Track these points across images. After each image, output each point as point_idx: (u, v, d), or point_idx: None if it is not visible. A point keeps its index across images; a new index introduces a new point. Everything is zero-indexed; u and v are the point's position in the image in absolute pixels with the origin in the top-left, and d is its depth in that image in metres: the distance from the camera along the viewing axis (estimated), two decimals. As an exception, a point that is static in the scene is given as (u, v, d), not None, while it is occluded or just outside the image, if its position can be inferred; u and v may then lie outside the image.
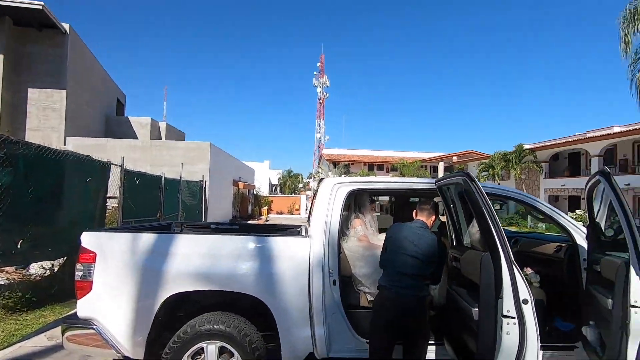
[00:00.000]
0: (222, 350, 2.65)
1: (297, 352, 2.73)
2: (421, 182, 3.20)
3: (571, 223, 3.00)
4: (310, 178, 51.56)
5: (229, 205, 19.19)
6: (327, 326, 2.71)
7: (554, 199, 22.32)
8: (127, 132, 18.60)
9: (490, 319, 1.89)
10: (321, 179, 3.34)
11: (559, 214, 3.04)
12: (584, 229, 2.91)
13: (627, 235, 2.05)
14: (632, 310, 1.99)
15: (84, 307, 2.66)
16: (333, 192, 2.94)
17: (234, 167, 20.31)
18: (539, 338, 1.82)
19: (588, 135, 21.34)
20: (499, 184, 23.22)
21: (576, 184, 19.43)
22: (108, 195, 6.51)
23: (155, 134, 19.97)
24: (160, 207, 8.93)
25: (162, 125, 21.00)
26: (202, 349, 2.62)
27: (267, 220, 22.14)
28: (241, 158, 24.38)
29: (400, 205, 3.95)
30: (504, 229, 3.98)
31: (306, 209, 28.89)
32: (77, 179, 5.50)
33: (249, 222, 20.24)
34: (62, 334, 2.71)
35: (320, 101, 64.35)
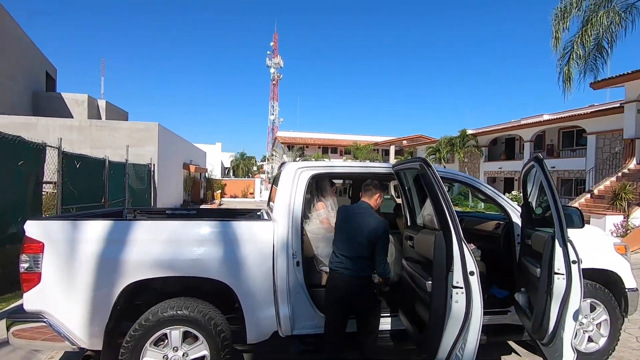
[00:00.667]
0: (186, 335, 2.66)
1: (262, 332, 2.82)
2: (379, 167, 3.37)
3: (508, 203, 3.36)
4: (265, 161, 50.85)
5: (179, 189, 18.42)
6: (291, 305, 2.82)
7: (491, 181, 24.32)
8: (60, 111, 16.84)
9: (442, 290, 2.11)
10: (282, 164, 3.37)
11: (498, 195, 3.38)
12: (519, 208, 3.29)
13: (553, 213, 2.37)
14: (556, 277, 2.34)
15: (31, 300, 2.50)
16: (296, 176, 3.00)
17: (185, 150, 19.41)
18: (482, 305, 2.07)
19: (522, 122, 23.35)
20: (444, 167, 24.75)
21: (511, 167, 21.33)
22: (44, 180, 5.96)
23: (94, 113, 18.35)
24: (105, 192, 8.36)
25: (102, 104, 19.31)
26: (166, 334, 2.61)
27: (220, 205, 21.64)
28: (192, 140, 23.34)
29: (358, 188, 4.12)
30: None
31: (260, 193, 28.61)
32: (5, 162, 4.96)
33: (202, 206, 19.65)
34: (7, 329, 2.53)
35: (274, 82, 62.93)
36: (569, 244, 2.29)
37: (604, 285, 3.37)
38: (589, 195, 13.10)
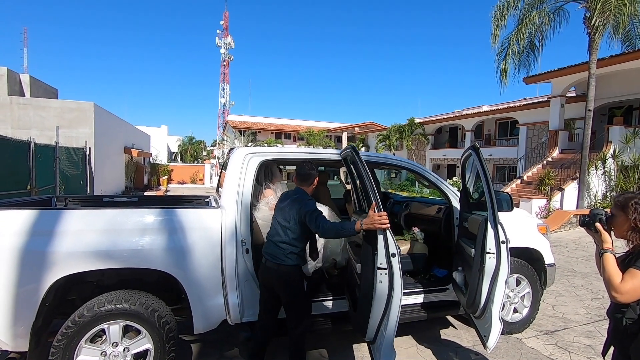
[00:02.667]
0: (127, 329, 2.52)
1: (209, 321, 2.76)
2: (328, 153, 3.40)
3: (448, 188, 3.58)
4: (215, 146, 48.96)
5: (120, 175, 17.15)
6: (240, 293, 2.78)
7: (436, 167, 25.78)
8: (-28, 85, 14.66)
9: (369, 272, 2.20)
10: (231, 149, 3.26)
11: (440, 181, 3.59)
12: (458, 193, 3.52)
13: (487, 198, 2.57)
14: (487, 256, 2.55)
15: (-62, 301, 2.19)
16: (245, 162, 2.92)
17: (126, 133, 18.02)
18: (402, 283, 2.18)
19: (465, 112, 24.88)
20: (394, 154, 25.72)
21: (454, 154, 22.74)
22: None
23: (16, 89, 16.21)
24: (32, 178, 7.52)
25: (25, 78, 17.08)
26: (104, 330, 2.45)
27: (167, 191, 20.56)
28: (135, 123, 21.70)
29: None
30: (397, 194, 4.45)
31: (211, 179, 27.61)
32: None
33: (147, 193, 18.53)
34: None
35: (225, 63, 60.23)
36: (499, 226, 2.51)
37: (527, 261, 3.76)
38: (519, 181, 14.42)
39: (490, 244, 2.54)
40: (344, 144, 35.11)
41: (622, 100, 14.33)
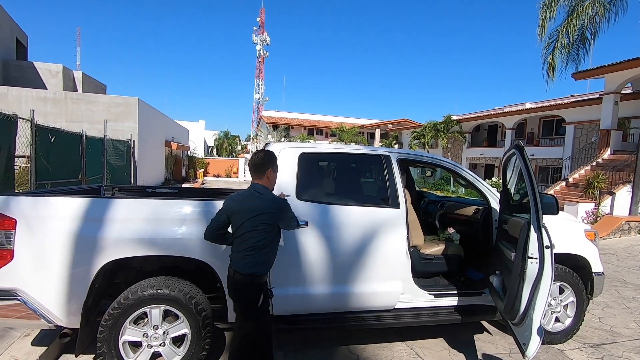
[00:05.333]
0: (167, 314, 2.66)
1: (243, 311, 2.84)
2: (364, 150, 3.38)
3: (487, 189, 3.44)
4: (249, 140, 50.10)
5: (160, 167, 18.01)
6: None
7: (473, 167, 24.83)
8: (33, 81, 15.96)
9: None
10: (267, 144, 3.33)
11: (478, 181, 3.45)
12: (498, 194, 3.37)
13: (530, 200, 2.44)
14: (529, 260, 2.43)
15: (4, 278, 2.42)
16: (280, 157, 2.97)
17: (166, 127, 18.88)
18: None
19: (505, 110, 23.73)
20: (428, 151, 25.06)
21: (492, 153, 21.79)
22: (16, 153, 5.69)
23: (69, 85, 17.49)
24: (82, 168, 8.09)
25: (78, 75, 18.38)
26: (145, 313, 2.60)
27: (203, 184, 21.35)
28: (174, 117, 22.68)
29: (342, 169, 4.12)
30: (431, 193, 4.31)
31: (244, 172, 28.31)
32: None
33: (184, 185, 19.34)
34: (-21, 307, 2.46)
35: (260, 60, 61.38)
36: (543, 230, 2.37)
37: (573, 269, 3.54)
38: (564, 183, 13.57)
39: (533, 248, 2.41)
40: (377, 141, 34.66)
41: (687, 97, 13.03)
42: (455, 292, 3.32)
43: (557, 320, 3.54)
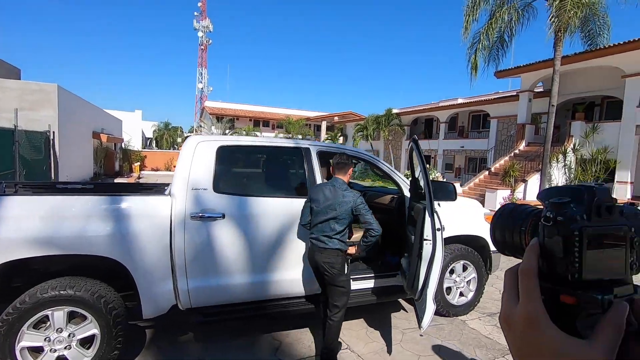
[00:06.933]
0: (73, 315, 2.54)
1: (159, 307, 2.81)
2: (285, 142, 3.46)
3: (401, 179, 3.73)
4: (192, 132, 47.89)
5: (88, 160, 16.58)
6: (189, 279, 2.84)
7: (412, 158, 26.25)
8: None
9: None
10: (186, 137, 3.27)
11: (393, 171, 3.73)
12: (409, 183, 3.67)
13: (424, 187, 2.71)
14: (425, 242, 2.71)
15: None
16: (195, 150, 2.95)
17: (94, 117, 17.36)
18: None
19: (440, 104, 25.34)
20: (371, 144, 26.00)
21: (429, 145, 23.22)
22: None
23: (-28, 68, 15.27)
24: (-13, 163, 7.21)
25: (-17, 57, 16.10)
26: (47, 316, 2.46)
27: (139, 178, 20.06)
28: (109, 107, 20.88)
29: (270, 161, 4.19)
30: (357, 183, 4.56)
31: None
32: None
33: (118, 180, 18.03)
34: None
35: (202, 47, 58.68)
36: (435, 214, 2.66)
37: (475, 248, 3.99)
38: (487, 173, 14.96)
39: (428, 231, 2.69)
40: (323, 133, 35.11)
41: (584, 96, 15.00)
42: (373, 275, 3.58)
43: (461, 294, 3.98)
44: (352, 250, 2.83)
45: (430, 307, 2.67)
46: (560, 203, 0.39)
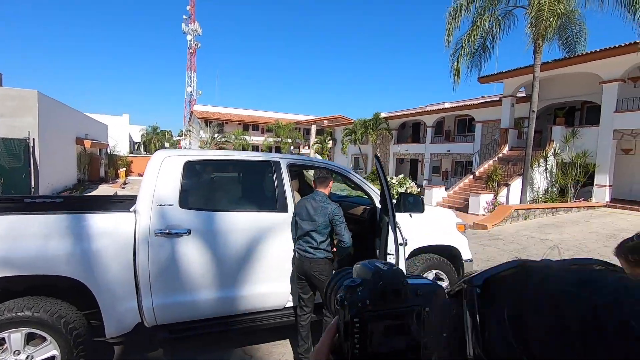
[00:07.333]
0: (32, 336, 2.50)
1: (123, 325, 2.77)
2: (254, 156, 3.46)
3: (373, 190, 3.76)
4: (181, 136, 47.43)
5: (71, 167, 16.31)
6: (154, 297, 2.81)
7: (400, 162, 26.47)
8: None
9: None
10: (157, 150, 3.25)
11: (364, 183, 3.75)
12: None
13: (388, 204, 2.74)
14: (388, 257, 2.74)
15: None
16: (162, 165, 2.93)
17: (77, 123, 17.10)
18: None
19: (428, 108, 25.62)
20: (359, 147, 26.12)
21: (416, 149, 23.43)
22: None
23: (-50, 73, 14.90)
24: (-40, 173, 7.04)
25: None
26: (4, 339, 2.41)
27: (125, 183, 19.80)
28: (96, 111, 20.53)
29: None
30: (334, 193, 4.58)
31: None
32: None
33: (103, 186, 17.78)
34: None
35: (191, 51, 58.44)
36: (397, 229, 2.69)
37: (447, 258, 4.03)
38: (472, 177, 15.15)
39: (391, 246, 2.72)
40: (313, 136, 35.17)
41: (565, 101, 15.34)
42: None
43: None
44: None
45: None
46: (351, 286, 0.40)
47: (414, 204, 3.30)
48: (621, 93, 12.29)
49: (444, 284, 4.01)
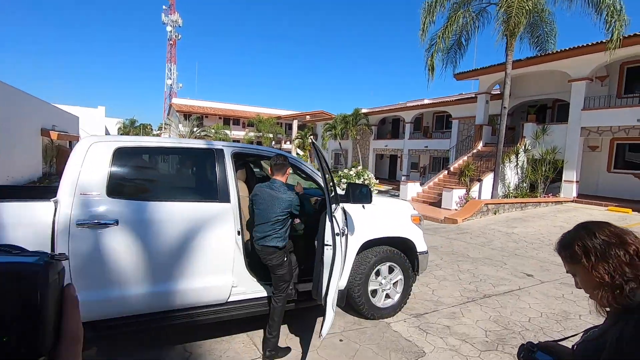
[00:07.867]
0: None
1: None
2: (194, 143, 3.30)
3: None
4: (161, 129, 46.28)
5: (36, 159, 15.62)
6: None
7: (379, 157, 26.58)
8: None
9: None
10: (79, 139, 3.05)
11: (315, 173, 3.64)
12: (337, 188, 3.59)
13: (325, 192, 2.64)
14: (325, 247, 2.64)
15: None
16: (88, 151, 2.74)
17: (43, 113, 16.37)
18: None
19: (407, 104, 25.75)
20: (339, 143, 26.07)
21: (395, 145, 23.55)
22: None
23: None
24: None
25: None
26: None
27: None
28: (69, 103, 19.71)
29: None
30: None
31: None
32: None
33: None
34: None
35: (171, 42, 56.96)
36: (334, 219, 2.59)
37: (402, 250, 3.98)
38: (446, 172, 15.31)
39: (327, 237, 2.62)
40: (294, 131, 34.89)
41: (537, 99, 15.66)
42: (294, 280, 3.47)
43: (387, 296, 3.96)
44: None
45: (330, 313, 2.60)
46: None
47: (362, 194, 3.21)
48: (589, 91, 12.61)
49: (398, 276, 3.96)
